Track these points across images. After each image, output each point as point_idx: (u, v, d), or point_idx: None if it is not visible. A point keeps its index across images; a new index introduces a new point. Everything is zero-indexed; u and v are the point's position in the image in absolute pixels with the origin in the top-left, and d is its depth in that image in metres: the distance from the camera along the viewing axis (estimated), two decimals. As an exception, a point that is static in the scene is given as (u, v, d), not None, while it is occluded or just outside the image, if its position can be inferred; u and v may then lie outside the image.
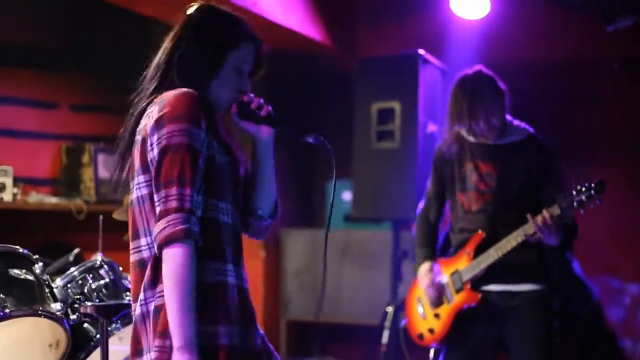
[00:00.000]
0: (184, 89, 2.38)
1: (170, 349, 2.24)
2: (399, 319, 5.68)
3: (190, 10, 2.56)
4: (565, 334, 5.48)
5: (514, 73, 6.64)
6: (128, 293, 3.66)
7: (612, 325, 6.25)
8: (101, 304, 3.34)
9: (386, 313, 5.69)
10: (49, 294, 3.32)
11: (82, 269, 3.60)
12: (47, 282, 3.35)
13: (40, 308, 3.22)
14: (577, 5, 6.28)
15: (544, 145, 4.11)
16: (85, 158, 6.15)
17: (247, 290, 2.46)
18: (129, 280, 3.75)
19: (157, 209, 2.29)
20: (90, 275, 3.59)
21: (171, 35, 2.56)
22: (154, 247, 2.30)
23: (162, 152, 2.31)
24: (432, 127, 5.78)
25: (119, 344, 3.80)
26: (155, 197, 2.31)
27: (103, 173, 6.16)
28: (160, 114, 2.34)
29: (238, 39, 2.50)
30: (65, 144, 6.23)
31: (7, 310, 3.09)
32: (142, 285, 2.35)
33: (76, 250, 4.18)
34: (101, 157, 6.17)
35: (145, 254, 2.38)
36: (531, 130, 4.15)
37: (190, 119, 2.31)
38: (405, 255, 5.84)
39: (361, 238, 6.51)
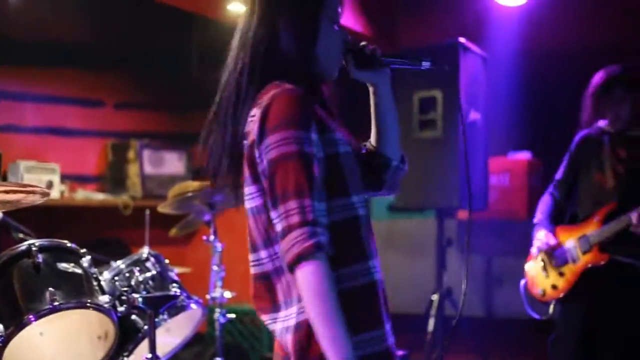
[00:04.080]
0: (286, 87, 2.15)
1: None
2: (444, 307, 5.69)
3: None
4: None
5: (555, 59, 6.62)
6: (174, 285, 3.71)
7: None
8: (148, 295, 3.37)
9: (431, 301, 5.69)
10: (97, 287, 3.36)
11: (129, 262, 3.65)
12: (94, 275, 3.39)
13: (89, 300, 3.25)
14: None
15: None
16: (131, 154, 6.23)
17: (382, 282, 2.26)
18: (175, 273, 3.83)
19: (279, 226, 2.07)
20: (137, 268, 3.64)
21: (248, 15, 2.30)
22: (277, 258, 2.16)
23: (273, 164, 2.09)
24: (474, 115, 5.76)
25: (166, 335, 3.86)
26: (274, 214, 2.09)
27: (148, 169, 6.24)
28: (263, 120, 2.12)
29: None
30: (111, 141, 6.32)
31: (56, 303, 3.13)
32: (279, 301, 2.21)
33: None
34: (146, 153, 6.25)
35: (267, 267, 2.21)
36: None
37: (297, 122, 2.09)
38: (450, 244, 5.84)
39: (405, 227, 6.52)
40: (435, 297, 5.69)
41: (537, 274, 4.66)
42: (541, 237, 4.54)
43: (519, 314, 4.81)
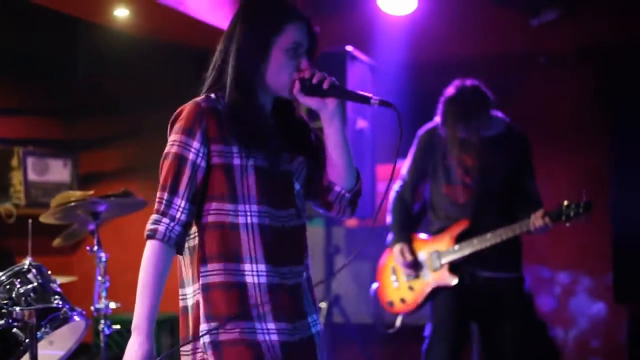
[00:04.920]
0: (196, 100, 2.52)
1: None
2: (332, 315, 5.73)
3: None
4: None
5: (441, 68, 6.73)
6: (57, 296, 3.63)
7: (543, 314, 6.36)
8: (30, 308, 3.30)
9: (319, 309, 5.72)
10: (-25, 300, 3.27)
11: (9, 273, 3.55)
12: (-27, 288, 3.30)
13: (-33, 314, 3.17)
14: (502, 0, 6.38)
15: (521, 136, 4.54)
16: (14, 162, 6.09)
17: (290, 286, 2.53)
18: (57, 284, 3.74)
19: None
20: (18, 280, 3.53)
21: (225, 33, 2.63)
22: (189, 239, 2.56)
23: (163, 159, 2.51)
24: (361, 123, 5.82)
25: (49, 348, 3.77)
26: None
27: (32, 176, 6.11)
28: (172, 121, 2.54)
29: (280, 22, 2.53)
30: (-7, 147, 6.16)
31: None
32: (182, 279, 2.62)
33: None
34: (30, 161, 6.12)
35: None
36: (507, 120, 4.55)
37: (186, 130, 2.47)
38: (338, 251, 5.88)
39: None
40: (323, 304, 5.72)
41: (387, 281, 4.73)
42: (397, 253, 4.58)
43: (407, 320, 4.87)
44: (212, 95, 2.53)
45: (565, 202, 4.23)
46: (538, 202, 4.40)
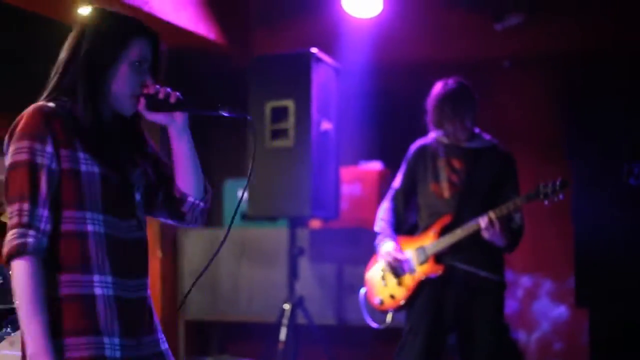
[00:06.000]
0: (38, 104, 2.42)
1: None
2: (296, 316, 5.72)
3: (79, 15, 2.59)
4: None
5: (406, 71, 6.76)
6: (18, 297, 3.60)
7: (506, 317, 6.39)
8: (-10, 308, 3.27)
9: (283, 310, 5.72)
10: None
11: (-31, 273, 3.52)
12: None
13: None
14: (467, 5, 6.41)
15: (506, 153, 4.69)
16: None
17: (135, 300, 2.48)
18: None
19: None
20: (-22, 280, 3.51)
21: (67, 41, 2.55)
22: None
23: (8, 169, 2.37)
24: (325, 125, 5.81)
25: (10, 348, 3.72)
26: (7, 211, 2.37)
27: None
28: (12, 129, 2.40)
29: (126, 37, 2.50)
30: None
31: None
32: None
33: None
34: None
35: None
36: (495, 141, 4.70)
37: (34, 135, 2.35)
38: (302, 253, 5.87)
39: (258, 236, 6.52)
40: (287, 306, 5.71)
41: (376, 283, 4.77)
42: (389, 249, 4.64)
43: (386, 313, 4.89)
44: (51, 103, 2.44)
45: (542, 183, 4.36)
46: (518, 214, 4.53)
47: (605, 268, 5.70)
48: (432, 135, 4.69)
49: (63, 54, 2.52)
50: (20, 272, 2.29)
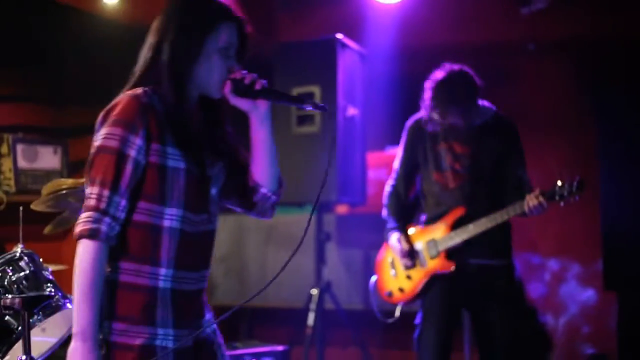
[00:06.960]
0: (135, 93, 2.45)
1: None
2: (324, 301, 5.75)
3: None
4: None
5: (430, 56, 6.72)
6: (49, 284, 3.63)
7: (533, 301, 6.39)
8: (22, 295, 3.29)
9: (311, 295, 5.74)
10: (-32, 288, 3.27)
11: (1, 261, 3.55)
12: (-35, 276, 3.30)
13: (-40, 302, 3.17)
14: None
15: (509, 124, 4.54)
16: (4, 148, 6.06)
17: (193, 291, 2.54)
18: (49, 272, 3.74)
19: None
20: (10, 268, 3.54)
21: (153, 28, 2.56)
22: None
23: (95, 151, 2.43)
24: (351, 111, 5.82)
25: (42, 335, 3.77)
26: (86, 191, 2.43)
27: (22, 163, 6.09)
28: (105, 113, 2.46)
29: (213, 22, 2.50)
30: (-17, 135, 6.13)
31: None
32: None
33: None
34: (20, 147, 6.09)
35: None
36: (494, 108, 4.54)
37: (126, 124, 2.39)
38: (329, 238, 5.89)
39: (285, 222, 6.53)
40: (314, 291, 5.74)
41: (386, 273, 4.76)
42: (394, 243, 4.62)
43: (396, 306, 4.89)
44: (145, 93, 2.47)
45: (559, 182, 4.25)
46: (529, 186, 4.40)
47: (633, 251, 5.69)
48: (431, 115, 4.51)
49: (150, 40, 2.53)
50: (86, 254, 2.37)
